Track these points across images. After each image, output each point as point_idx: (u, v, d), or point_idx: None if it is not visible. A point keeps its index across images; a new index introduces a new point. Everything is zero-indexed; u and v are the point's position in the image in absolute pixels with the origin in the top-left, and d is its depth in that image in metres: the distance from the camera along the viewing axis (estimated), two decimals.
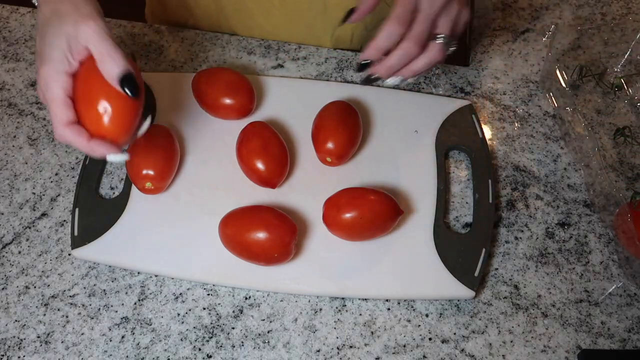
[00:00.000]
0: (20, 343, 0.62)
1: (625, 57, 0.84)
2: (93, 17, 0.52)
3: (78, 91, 0.54)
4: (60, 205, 0.71)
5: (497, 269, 0.68)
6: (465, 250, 0.67)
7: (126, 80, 0.52)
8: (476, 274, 0.65)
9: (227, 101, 0.73)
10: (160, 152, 0.68)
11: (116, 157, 0.54)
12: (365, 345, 0.63)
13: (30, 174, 0.73)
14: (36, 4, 0.58)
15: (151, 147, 0.68)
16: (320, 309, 0.65)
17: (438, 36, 0.59)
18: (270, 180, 0.69)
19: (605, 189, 0.69)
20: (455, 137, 0.76)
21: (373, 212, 0.64)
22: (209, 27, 0.89)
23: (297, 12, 0.83)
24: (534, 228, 0.71)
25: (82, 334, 0.63)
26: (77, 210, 0.68)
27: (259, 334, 0.63)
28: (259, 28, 0.87)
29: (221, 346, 0.63)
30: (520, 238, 0.70)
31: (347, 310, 0.65)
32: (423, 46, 0.59)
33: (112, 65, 0.52)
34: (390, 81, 0.61)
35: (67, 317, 0.64)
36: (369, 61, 0.59)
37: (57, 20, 0.53)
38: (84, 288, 0.66)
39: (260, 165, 0.68)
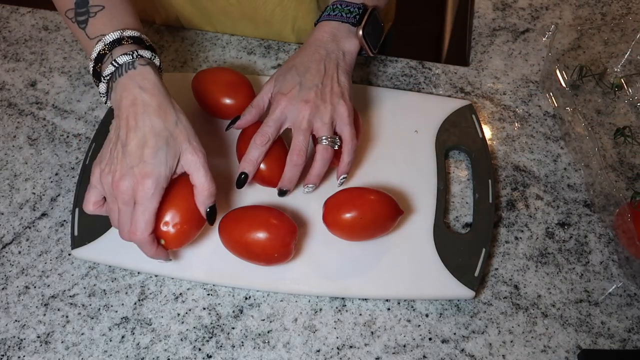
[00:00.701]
0: (20, 343, 0.62)
1: (625, 57, 0.84)
2: (201, 150, 0.60)
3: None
4: (60, 205, 0.71)
5: (497, 269, 0.68)
6: (465, 250, 0.67)
7: (212, 211, 0.62)
8: (476, 274, 0.65)
9: (227, 101, 0.73)
10: None
11: (165, 263, 0.64)
12: (365, 345, 0.63)
13: (30, 174, 0.73)
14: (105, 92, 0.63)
15: None
16: (320, 309, 0.65)
17: (321, 139, 0.65)
18: (272, 180, 0.68)
19: (605, 189, 0.69)
20: (455, 137, 0.76)
21: (373, 212, 0.64)
22: (174, 23, 0.89)
23: (253, 8, 0.83)
24: (534, 228, 0.71)
25: (82, 334, 0.63)
26: (77, 210, 0.68)
27: (259, 334, 0.63)
28: (220, 24, 0.87)
29: (221, 346, 0.63)
30: (520, 238, 0.70)
31: (347, 310, 0.65)
32: (305, 154, 0.65)
33: (206, 199, 0.61)
34: (305, 190, 0.68)
35: (67, 317, 0.64)
36: (245, 174, 0.66)
37: (169, 134, 0.59)
38: (84, 288, 0.66)
39: (261, 165, 0.68)
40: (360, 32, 0.69)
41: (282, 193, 0.67)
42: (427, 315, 0.65)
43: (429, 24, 1.87)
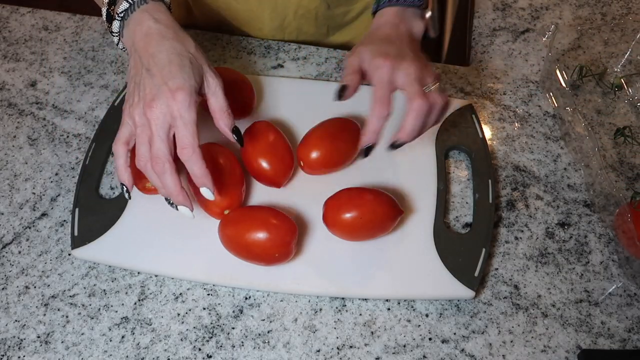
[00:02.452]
0: (20, 343, 0.62)
1: (625, 57, 0.84)
2: (219, 75, 0.61)
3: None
4: (60, 205, 0.71)
5: (497, 269, 0.68)
6: (465, 250, 0.67)
7: (237, 131, 0.62)
8: (476, 274, 0.65)
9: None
10: None
11: (186, 212, 0.61)
12: (365, 345, 0.63)
13: (30, 174, 0.73)
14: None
15: None
16: (320, 309, 0.65)
17: (428, 87, 0.62)
18: (275, 179, 0.69)
19: (605, 189, 0.69)
20: (455, 137, 0.76)
21: (373, 212, 0.64)
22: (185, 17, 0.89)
23: None
24: (534, 228, 0.71)
25: (82, 334, 0.63)
26: (77, 210, 0.68)
27: (259, 334, 0.63)
28: (227, 10, 0.86)
29: (221, 346, 0.63)
30: (520, 238, 0.70)
31: (347, 310, 0.65)
32: (429, 98, 0.61)
33: (228, 121, 0.61)
34: (389, 147, 0.64)
35: (67, 317, 0.64)
36: (371, 144, 0.64)
37: (192, 55, 0.59)
38: (84, 288, 0.66)
39: (265, 165, 0.68)
40: (429, 14, 0.67)
41: (369, 150, 0.64)
42: (427, 315, 0.65)
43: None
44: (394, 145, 0.63)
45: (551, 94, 0.80)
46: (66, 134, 0.77)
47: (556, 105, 0.80)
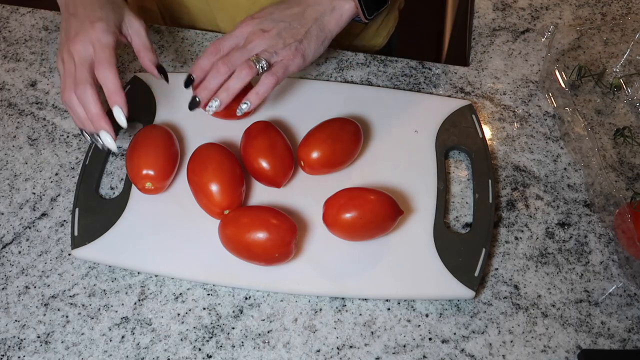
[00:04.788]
0: (20, 343, 0.62)
1: (625, 57, 0.84)
2: (139, 16, 0.65)
3: None
4: (60, 205, 0.71)
5: (497, 269, 0.68)
6: (465, 250, 0.67)
7: (162, 68, 0.67)
8: (476, 274, 0.65)
9: None
10: (160, 152, 0.68)
11: (109, 140, 0.63)
12: (365, 345, 0.63)
13: (30, 174, 0.73)
14: None
15: (151, 147, 0.68)
16: (320, 309, 0.65)
17: (252, 57, 0.66)
18: (275, 179, 0.69)
19: (605, 189, 0.69)
20: (455, 137, 0.76)
21: (373, 212, 0.64)
22: (151, 21, 0.90)
23: None
24: (534, 228, 0.71)
25: (82, 334, 0.63)
26: (77, 210, 0.68)
27: (259, 334, 0.63)
28: (202, 14, 0.87)
29: (221, 346, 0.63)
30: (520, 238, 0.70)
31: (347, 310, 0.65)
32: (231, 67, 0.66)
33: (153, 57, 0.66)
34: (211, 107, 0.66)
35: (67, 317, 0.64)
36: (192, 77, 0.68)
37: (109, 1, 0.64)
38: (84, 288, 0.66)
39: (265, 165, 0.68)
40: None
41: (194, 104, 0.67)
42: (427, 315, 0.65)
43: (429, 24, 1.87)
44: (193, 103, 0.67)
45: (551, 94, 0.80)
46: (66, 134, 0.77)
47: (556, 105, 0.80)
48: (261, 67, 0.65)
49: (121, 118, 0.63)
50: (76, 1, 0.64)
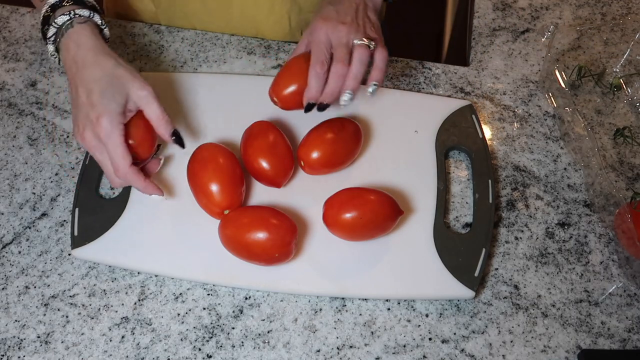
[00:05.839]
0: (20, 343, 0.62)
1: (625, 57, 0.84)
2: (148, 84, 0.63)
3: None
4: (60, 205, 0.71)
5: (497, 269, 0.68)
6: (465, 250, 0.67)
7: (177, 135, 0.65)
8: (476, 274, 0.65)
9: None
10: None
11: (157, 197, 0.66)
12: (365, 345, 0.63)
13: (30, 174, 0.73)
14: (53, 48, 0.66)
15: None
16: (320, 309, 0.65)
17: (358, 40, 0.66)
18: (275, 179, 0.69)
19: (605, 189, 0.69)
20: (455, 137, 0.76)
21: (373, 212, 0.64)
22: (150, 20, 0.90)
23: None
24: (534, 228, 0.71)
25: (82, 334, 0.63)
26: (77, 210, 0.68)
27: (259, 334, 0.63)
28: (196, 17, 0.87)
29: (221, 346, 0.63)
30: (520, 238, 0.70)
31: (347, 310, 0.65)
32: (348, 63, 0.65)
33: (166, 126, 0.64)
34: (343, 100, 0.66)
35: (67, 317, 0.64)
36: (312, 102, 0.67)
37: (110, 77, 0.62)
38: (84, 288, 0.66)
39: (265, 165, 0.68)
40: None
41: (310, 108, 0.67)
42: (427, 315, 0.65)
43: (429, 24, 1.87)
44: (321, 108, 0.67)
45: (551, 94, 0.80)
46: (66, 134, 0.77)
47: (556, 105, 0.80)
48: (370, 44, 0.66)
49: (159, 198, 0.65)
50: (76, 81, 0.63)
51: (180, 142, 0.65)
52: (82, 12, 0.64)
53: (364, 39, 0.66)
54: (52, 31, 0.64)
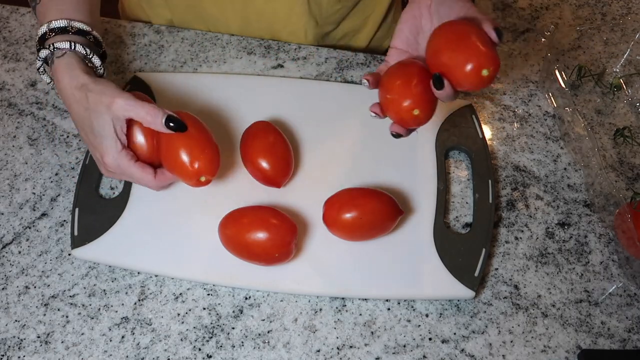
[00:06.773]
0: (20, 343, 0.62)
1: (625, 57, 0.84)
2: (116, 94, 0.60)
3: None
4: (60, 205, 0.71)
5: (497, 269, 0.68)
6: (465, 250, 0.67)
7: (169, 121, 0.61)
8: (476, 274, 0.65)
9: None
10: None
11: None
12: (365, 345, 0.63)
13: (30, 174, 0.73)
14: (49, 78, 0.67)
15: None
16: (320, 309, 0.65)
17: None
18: (275, 179, 0.69)
19: (605, 189, 0.69)
20: (455, 137, 0.76)
21: (373, 212, 0.64)
22: (166, 22, 0.90)
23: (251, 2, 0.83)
24: (534, 228, 0.71)
25: (82, 334, 0.63)
26: (77, 210, 0.68)
27: (259, 334, 0.63)
28: (212, 19, 0.87)
29: (221, 346, 0.63)
30: (520, 238, 0.70)
31: (347, 310, 0.65)
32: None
33: (154, 120, 0.60)
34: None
35: (67, 317, 0.64)
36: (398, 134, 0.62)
37: (89, 110, 0.60)
38: (84, 288, 0.66)
39: (265, 165, 0.68)
40: None
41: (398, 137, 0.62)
42: (427, 315, 0.65)
43: None
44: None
45: (551, 94, 0.80)
46: (66, 134, 0.77)
47: (556, 105, 0.80)
48: None
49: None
50: (74, 117, 0.63)
51: (179, 127, 0.61)
52: (61, 45, 0.62)
53: None
54: (38, 64, 0.65)
